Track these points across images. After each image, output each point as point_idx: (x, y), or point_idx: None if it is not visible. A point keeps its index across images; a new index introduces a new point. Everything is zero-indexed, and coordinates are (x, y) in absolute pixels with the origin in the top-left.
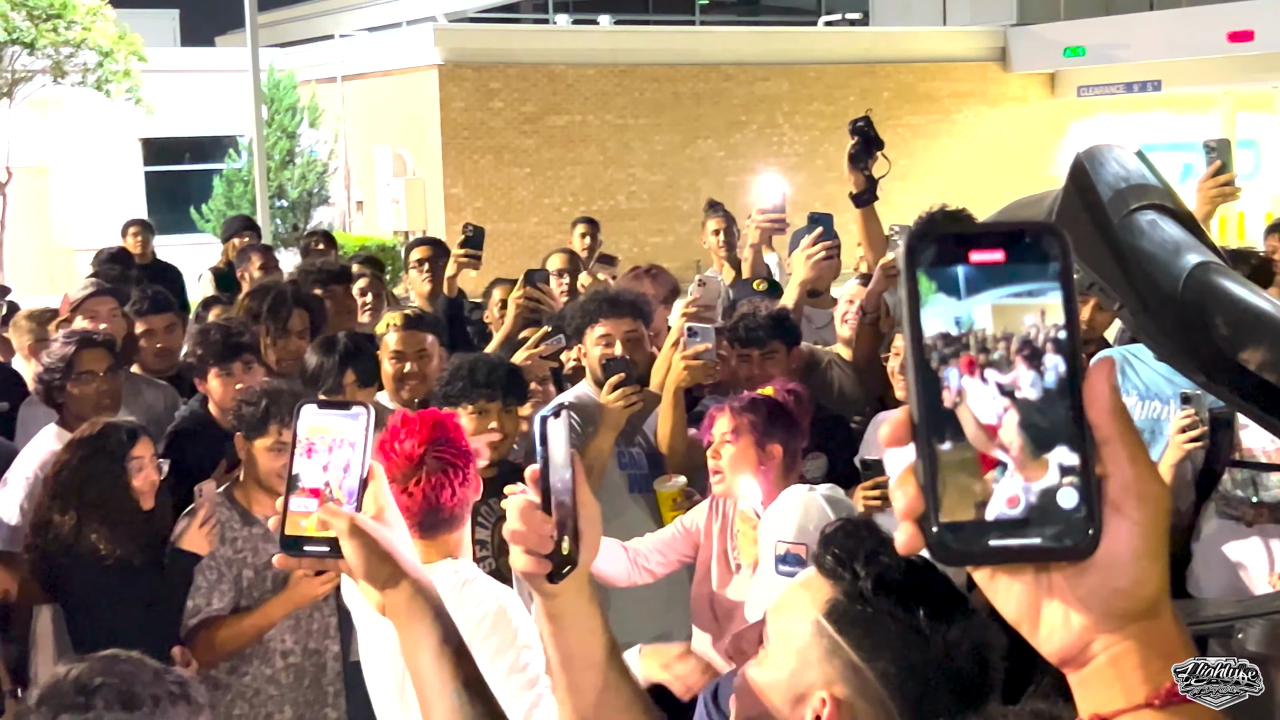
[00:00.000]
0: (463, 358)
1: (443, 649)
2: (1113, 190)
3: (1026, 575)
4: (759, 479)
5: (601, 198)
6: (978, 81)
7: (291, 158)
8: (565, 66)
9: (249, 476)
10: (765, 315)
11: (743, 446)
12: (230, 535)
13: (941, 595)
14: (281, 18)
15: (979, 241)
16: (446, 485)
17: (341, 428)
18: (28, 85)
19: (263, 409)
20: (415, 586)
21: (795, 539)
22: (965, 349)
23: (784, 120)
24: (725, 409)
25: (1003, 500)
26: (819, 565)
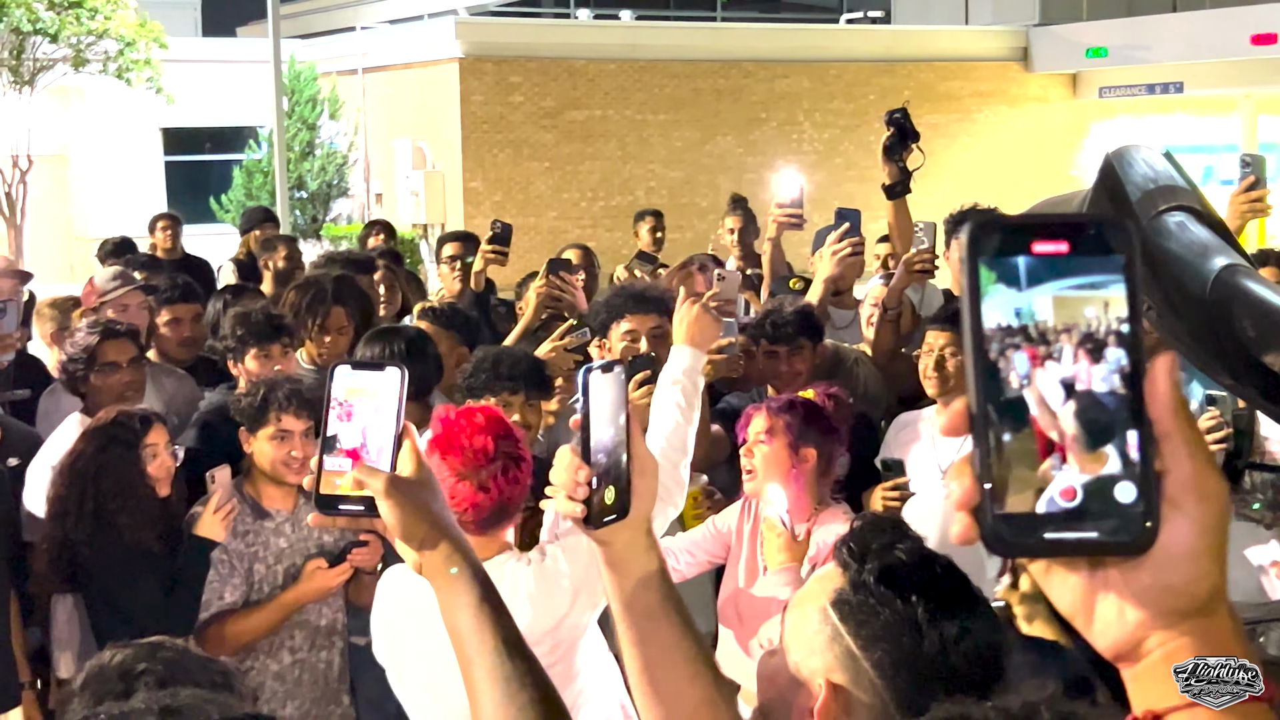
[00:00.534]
0: (487, 350)
1: (481, 607)
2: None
3: (1081, 569)
4: (790, 482)
5: (620, 193)
6: (999, 81)
7: (311, 149)
8: (585, 61)
9: (256, 469)
10: (792, 312)
11: (776, 448)
12: (242, 529)
13: (947, 592)
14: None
15: (1044, 232)
16: (519, 481)
17: (375, 387)
18: (49, 74)
19: (260, 398)
20: (453, 545)
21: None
22: (1025, 340)
23: (804, 118)
24: (762, 408)
25: (1059, 492)
26: (836, 556)
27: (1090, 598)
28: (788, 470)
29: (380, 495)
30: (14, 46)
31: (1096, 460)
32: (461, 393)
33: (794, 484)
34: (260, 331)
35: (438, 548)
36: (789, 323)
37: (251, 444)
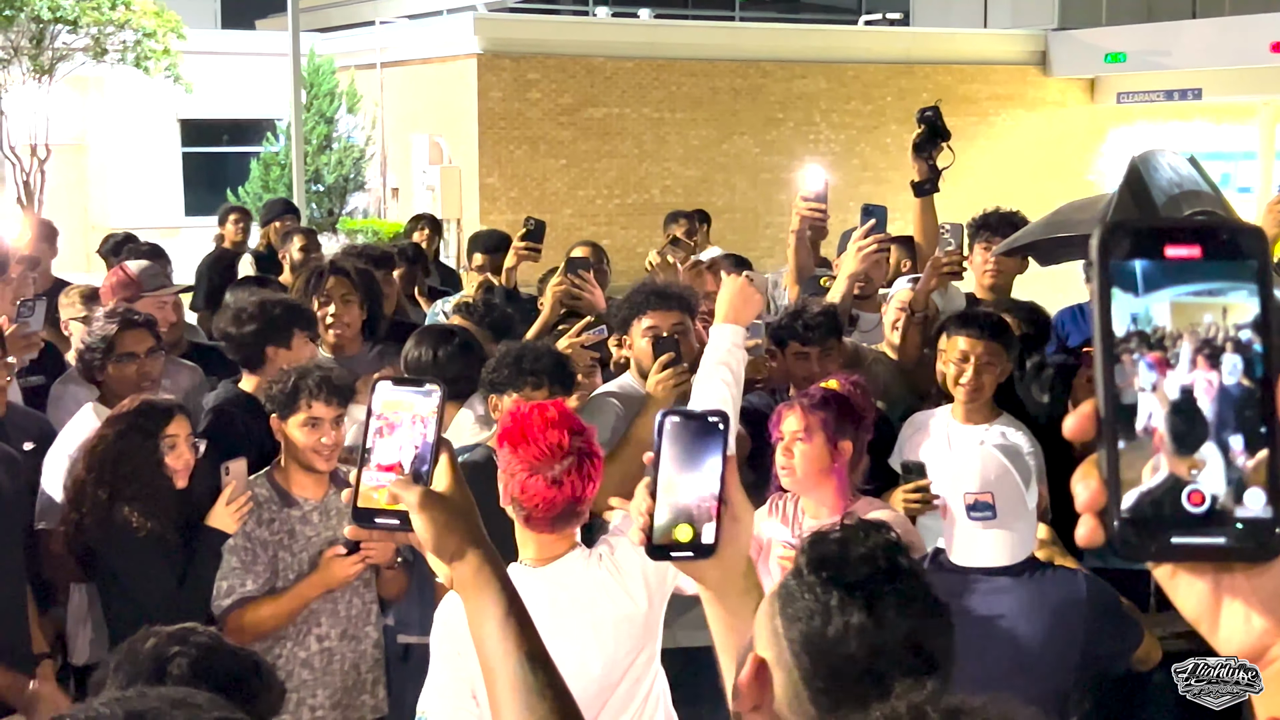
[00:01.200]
0: (509, 345)
1: (507, 620)
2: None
3: (1207, 574)
4: (831, 477)
5: (636, 191)
6: (1017, 85)
7: (329, 143)
8: (604, 59)
9: (288, 457)
10: (819, 313)
11: (815, 445)
12: (268, 516)
13: (874, 585)
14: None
15: (1176, 236)
16: (591, 478)
17: (414, 404)
18: (68, 63)
19: (291, 385)
20: (481, 559)
21: (980, 489)
22: (1155, 345)
23: (821, 118)
24: (795, 407)
25: (1187, 498)
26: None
27: (1216, 604)
28: (829, 466)
29: (414, 510)
30: (34, 35)
31: (1225, 466)
32: (485, 388)
33: (834, 478)
34: (311, 321)
35: (467, 561)
36: (819, 324)
37: (282, 431)
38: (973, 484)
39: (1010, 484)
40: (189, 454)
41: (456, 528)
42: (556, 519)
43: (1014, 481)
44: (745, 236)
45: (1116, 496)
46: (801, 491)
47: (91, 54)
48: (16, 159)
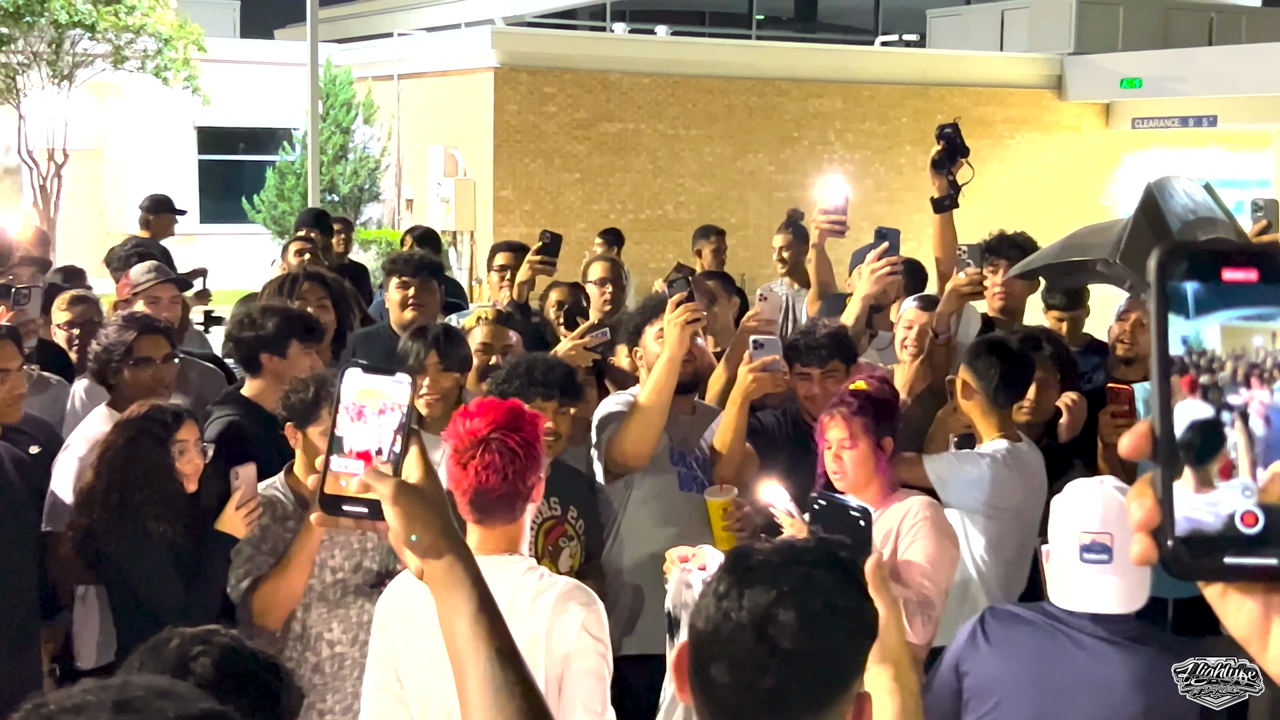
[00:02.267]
0: (519, 356)
1: (478, 617)
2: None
3: (1258, 594)
4: (878, 475)
5: (650, 206)
6: (1032, 108)
7: (344, 153)
8: (620, 74)
9: (303, 464)
10: (825, 334)
11: (862, 449)
12: (281, 513)
13: (754, 575)
14: (341, 14)
15: (1234, 260)
16: (499, 471)
17: (386, 392)
18: (87, 70)
19: (312, 395)
20: (455, 554)
21: (1099, 529)
22: (1210, 366)
23: (836, 138)
24: (836, 415)
25: (1240, 518)
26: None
27: (1265, 623)
28: (876, 466)
29: (387, 500)
30: (53, 40)
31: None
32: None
33: (880, 475)
34: (311, 328)
35: (441, 556)
36: (822, 345)
37: (299, 440)
38: (1092, 523)
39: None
40: (198, 459)
41: (429, 521)
42: (477, 505)
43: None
44: (758, 254)
45: (1170, 516)
46: (855, 491)
47: (111, 61)
48: (34, 163)
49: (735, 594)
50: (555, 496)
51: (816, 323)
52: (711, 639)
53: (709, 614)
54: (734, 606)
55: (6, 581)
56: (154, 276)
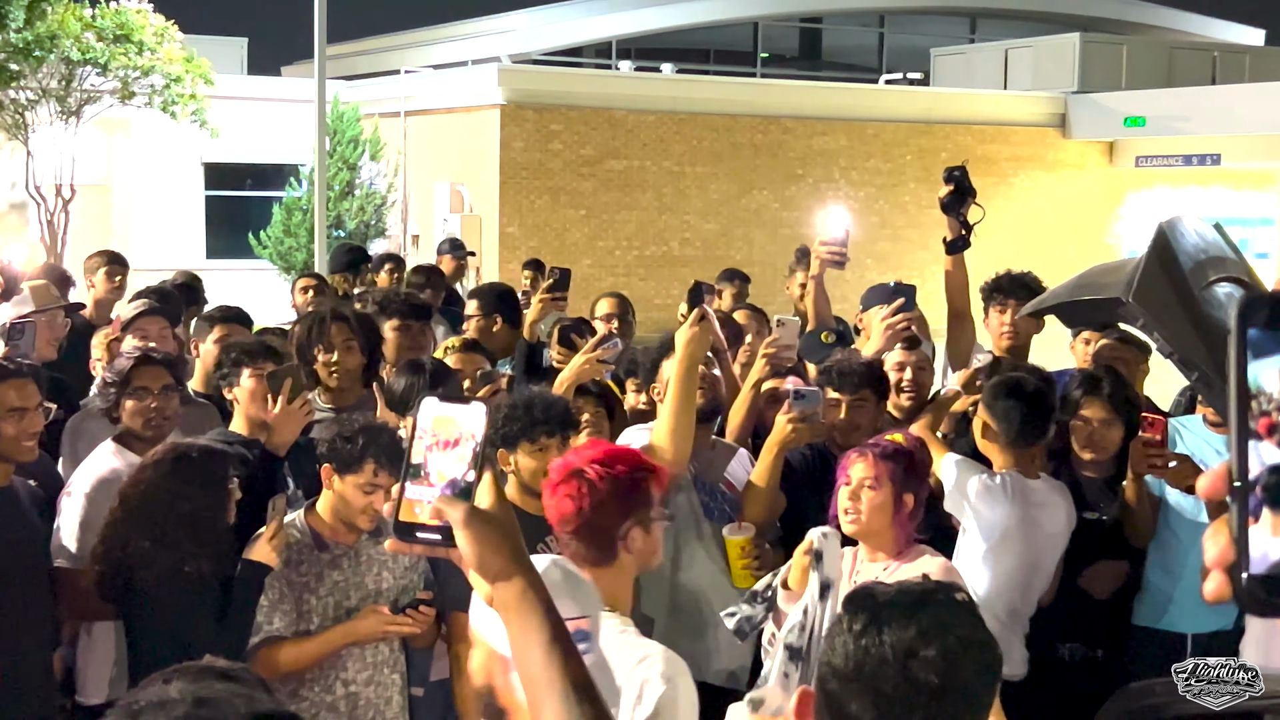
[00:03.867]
0: (518, 397)
1: (552, 647)
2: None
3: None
4: (893, 526)
5: (655, 243)
6: (1036, 146)
7: (351, 189)
8: (626, 112)
9: (331, 507)
10: (859, 362)
11: (882, 494)
12: (297, 558)
13: (875, 604)
14: (348, 50)
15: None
16: (576, 499)
17: (461, 420)
18: (95, 105)
19: (360, 446)
20: (526, 581)
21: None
22: (1275, 409)
23: (840, 175)
24: (866, 454)
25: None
26: None
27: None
28: (892, 517)
29: (458, 526)
30: (63, 76)
31: None
32: (497, 440)
33: (896, 527)
34: (254, 351)
35: (511, 582)
36: (856, 373)
37: (334, 483)
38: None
39: None
40: (236, 494)
41: (501, 547)
42: (563, 537)
43: None
44: (763, 290)
45: (1245, 554)
46: (863, 537)
47: (120, 97)
48: (41, 198)
49: (873, 631)
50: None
51: (853, 351)
52: (853, 676)
53: (847, 651)
54: (874, 643)
55: (28, 618)
56: (139, 308)
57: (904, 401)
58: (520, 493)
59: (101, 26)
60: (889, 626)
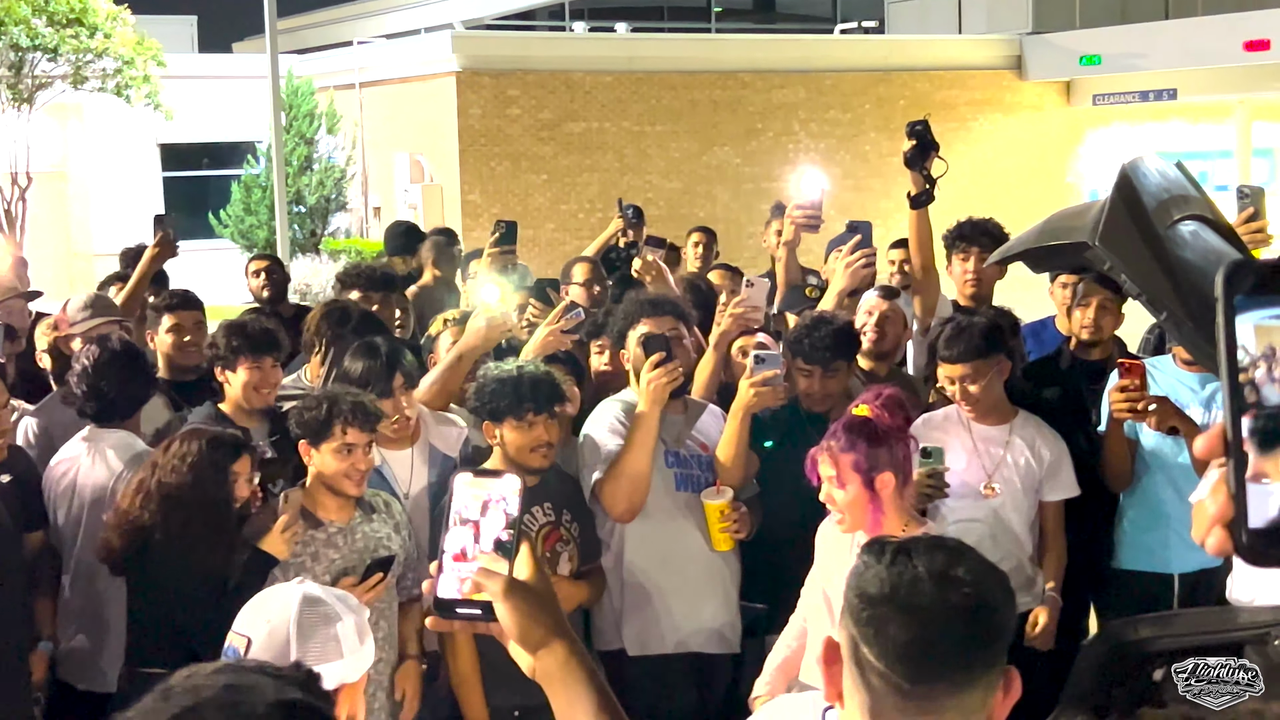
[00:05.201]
0: (501, 372)
1: (600, 715)
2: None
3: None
4: (875, 514)
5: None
6: (993, 90)
7: (309, 164)
8: (582, 74)
9: (315, 480)
10: (829, 332)
11: (851, 489)
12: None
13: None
14: (299, 24)
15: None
16: None
17: (494, 493)
18: (47, 91)
19: (325, 412)
20: (569, 650)
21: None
22: (1272, 368)
23: (800, 128)
24: (824, 451)
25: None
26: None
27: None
28: (868, 506)
29: (497, 598)
30: (13, 64)
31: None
32: (483, 415)
33: (881, 511)
34: (256, 343)
35: (554, 652)
36: (827, 346)
37: (312, 456)
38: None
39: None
40: (245, 489)
41: (541, 617)
42: None
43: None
44: (728, 247)
45: (1244, 509)
46: (857, 530)
47: (71, 81)
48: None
49: (904, 559)
50: (549, 502)
51: (822, 318)
52: (890, 598)
53: (881, 578)
54: (906, 568)
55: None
56: (88, 314)
57: (866, 345)
58: (505, 466)
59: (54, 10)
60: (917, 554)
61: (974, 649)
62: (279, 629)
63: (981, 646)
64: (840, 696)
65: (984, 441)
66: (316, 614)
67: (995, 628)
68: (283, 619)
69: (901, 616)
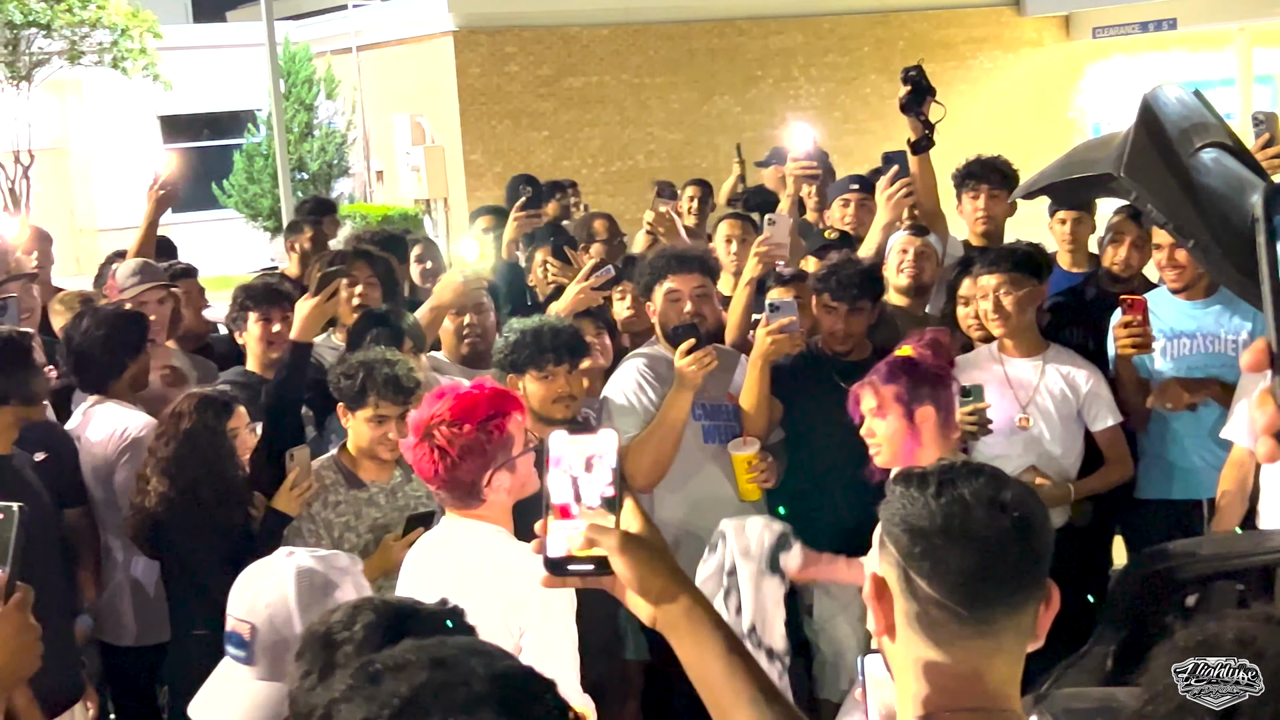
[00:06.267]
0: (524, 325)
1: (731, 658)
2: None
3: None
4: (915, 448)
5: (620, 158)
6: (992, 26)
7: (310, 130)
8: (580, 28)
9: (354, 443)
10: (857, 271)
11: (892, 420)
12: (334, 499)
13: (951, 471)
14: None
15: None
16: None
17: (593, 449)
18: (45, 68)
19: (360, 382)
20: (691, 599)
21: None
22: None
23: (799, 73)
24: (867, 385)
25: None
26: None
27: None
28: (907, 439)
29: (614, 552)
30: (9, 41)
31: None
32: (505, 367)
33: (920, 446)
34: (259, 296)
35: (676, 602)
36: (855, 283)
37: (348, 420)
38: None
39: None
40: (250, 439)
41: (660, 568)
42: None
43: None
44: None
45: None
46: (893, 466)
47: (68, 57)
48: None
49: (949, 487)
50: None
51: (849, 257)
52: (944, 529)
53: (930, 510)
54: (953, 497)
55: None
56: (139, 280)
57: (902, 281)
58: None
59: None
60: (961, 482)
61: (1026, 570)
62: (279, 610)
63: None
64: (891, 630)
65: (1016, 374)
66: (314, 585)
67: (1042, 546)
68: (280, 598)
69: (957, 546)
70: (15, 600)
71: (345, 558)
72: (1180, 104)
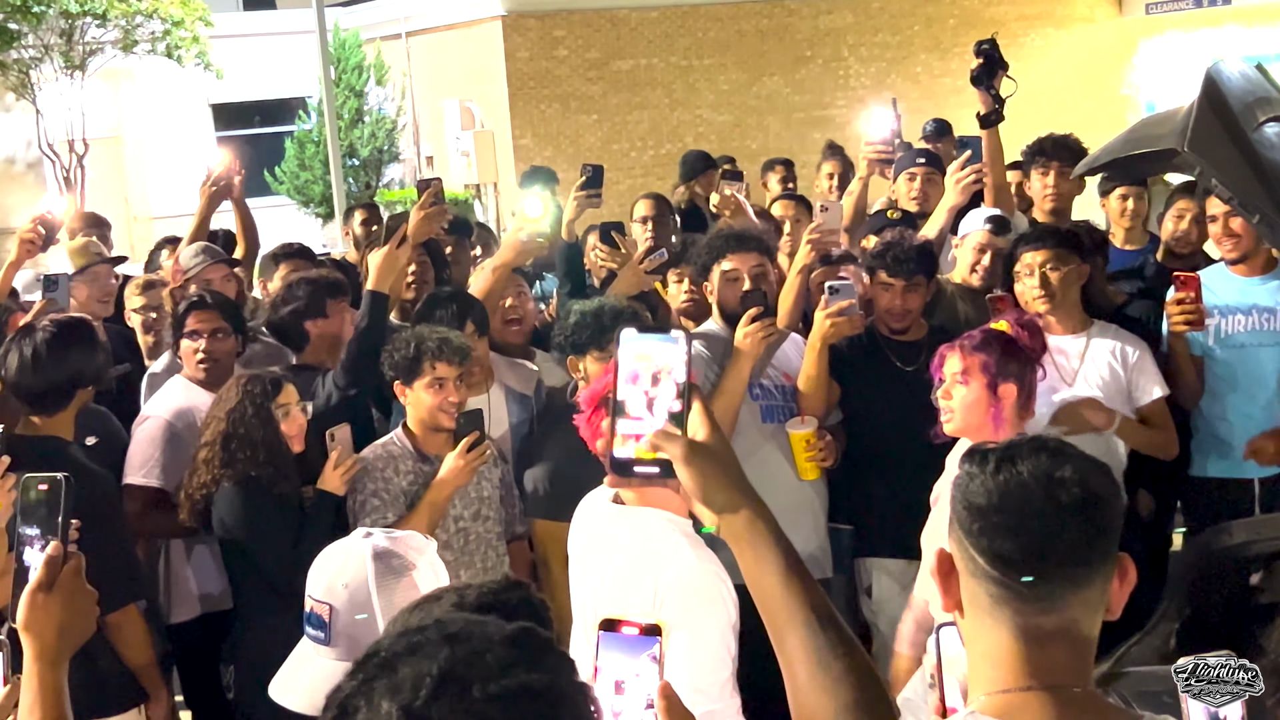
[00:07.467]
0: (584, 307)
1: (789, 576)
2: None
3: None
4: (989, 421)
5: (669, 141)
6: (1044, 4)
7: (360, 116)
8: (628, 10)
9: (416, 418)
10: (913, 247)
11: (974, 389)
12: (405, 469)
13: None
14: None
15: None
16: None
17: (662, 353)
18: (99, 57)
19: (414, 350)
20: (754, 510)
21: None
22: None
23: (849, 53)
24: (956, 348)
25: None
26: None
27: None
28: (986, 411)
29: (679, 460)
30: (64, 31)
31: None
32: (566, 349)
33: (994, 421)
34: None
35: (739, 514)
36: (910, 258)
37: (406, 395)
38: None
39: None
40: (301, 418)
41: (724, 479)
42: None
43: None
44: None
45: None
46: (962, 435)
47: (121, 46)
48: (55, 155)
49: (1008, 465)
50: None
51: (904, 234)
52: (999, 508)
53: (987, 488)
54: (1011, 475)
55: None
56: (202, 260)
57: (974, 281)
58: None
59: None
60: (1021, 459)
61: (1089, 545)
62: (359, 591)
63: (1096, 541)
64: (959, 606)
65: (1058, 351)
66: (391, 568)
67: (1107, 520)
68: (359, 580)
69: (1012, 524)
70: (70, 567)
71: (420, 538)
72: (1243, 78)
